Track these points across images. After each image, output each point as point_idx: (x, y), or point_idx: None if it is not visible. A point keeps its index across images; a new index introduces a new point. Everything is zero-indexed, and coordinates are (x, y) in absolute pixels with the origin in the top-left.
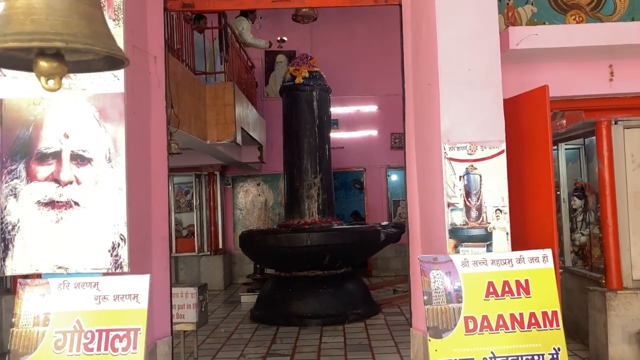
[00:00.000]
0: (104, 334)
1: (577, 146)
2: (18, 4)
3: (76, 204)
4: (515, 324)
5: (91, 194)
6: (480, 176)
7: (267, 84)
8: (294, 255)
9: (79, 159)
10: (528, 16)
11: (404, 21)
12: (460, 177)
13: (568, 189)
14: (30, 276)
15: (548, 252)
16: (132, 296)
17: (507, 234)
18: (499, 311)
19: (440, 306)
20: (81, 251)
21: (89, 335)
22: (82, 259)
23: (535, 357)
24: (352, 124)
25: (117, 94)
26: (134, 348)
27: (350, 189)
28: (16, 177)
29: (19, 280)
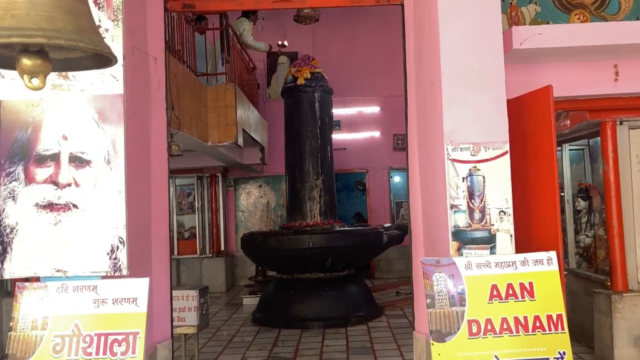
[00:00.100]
0: (102, 338)
1: (581, 147)
2: None
3: (75, 206)
4: (520, 327)
5: (90, 196)
6: (484, 177)
7: (269, 86)
8: (295, 257)
9: (78, 161)
10: (532, 16)
11: (406, 21)
12: (464, 178)
13: (572, 190)
14: (29, 279)
15: (552, 254)
16: (131, 300)
17: (511, 236)
18: (502, 314)
19: (443, 309)
20: (80, 254)
21: (87, 339)
22: (80, 262)
23: None
24: (355, 125)
25: (116, 95)
26: (133, 352)
27: (353, 190)
28: (14, 180)
29: (17, 284)
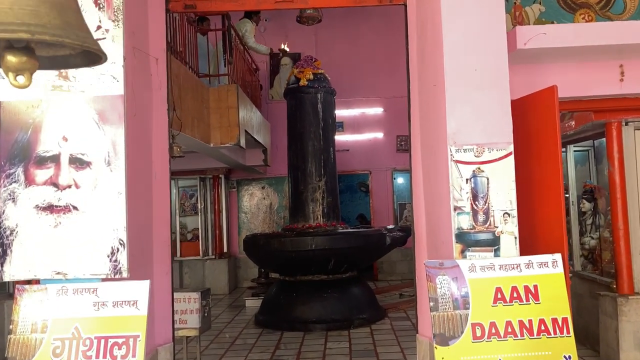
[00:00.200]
0: (102, 341)
1: (586, 148)
2: None
3: (75, 208)
4: (524, 331)
5: (90, 198)
6: (488, 179)
7: (272, 87)
8: (298, 259)
9: (78, 162)
10: (536, 15)
11: (409, 21)
12: (467, 180)
13: (577, 191)
14: (30, 282)
15: (558, 256)
16: (132, 302)
17: (515, 238)
18: (507, 318)
19: (447, 313)
20: (80, 256)
21: (87, 342)
22: (80, 264)
23: None
24: (358, 126)
25: (116, 96)
26: (133, 355)
27: (356, 192)
28: (14, 181)
29: (17, 286)
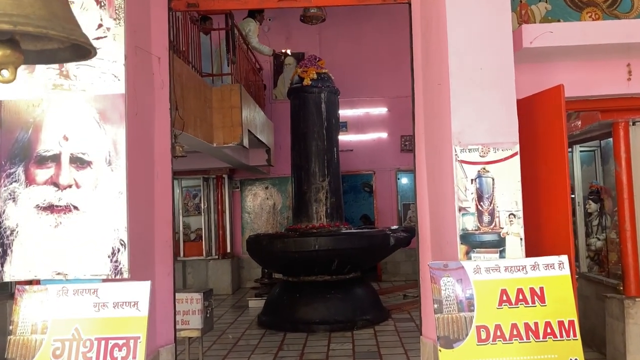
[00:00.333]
0: (103, 342)
1: (592, 148)
2: None
3: (75, 208)
4: (530, 333)
5: (91, 198)
6: (493, 179)
7: (276, 87)
8: (301, 260)
9: (79, 162)
10: (542, 14)
11: (413, 20)
12: (472, 180)
13: (583, 192)
14: (30, 282)
15: (564, 258)
16: (132, 303)
17: (520, 239)
18: (512, 320)
19: (451, 315)
20: (80, 257)
21: (87, 343)
22: (81, 264)
23: None
24: (362, 126)
25: (117, 95)
26: (134, 357)
27: (360, 192)
28: (15, 181)
29: (17, 287)
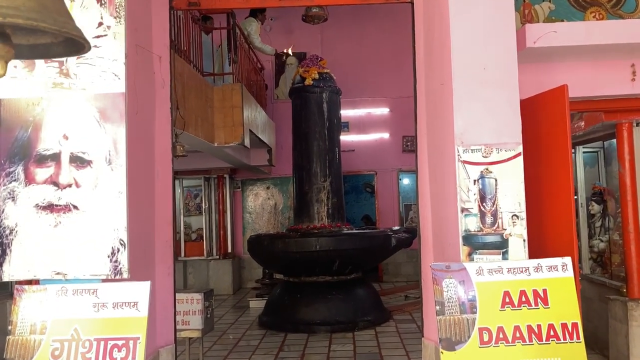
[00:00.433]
0: (102, 343)
1: (595, 149)
2: None
3: (75, 207)
4: (533, 336)
5: (90, 197)
6: (496, 180)
7: (277, 86)
8: (302, 260)
9: (79, 161)
10: (545, 14)
11: (415, 19)
12: (475, 181)
13: (586, 193)
14: (30, 282)
15: (567, 260)
16: (132, 304)
17: (524, 240)
18: (515, 322)
19: (454, 317)
20: (80, 256)
21: (86, 344)
22: (80, 264)
23: None
24: (363, 126)
25: (118, 93)
26: (133, 358)
27: (361, 192)
28: (14, 180)
29: (16, 287)
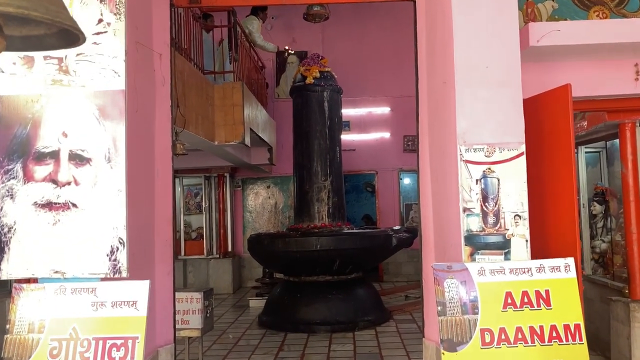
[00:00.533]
0: (100, 342)
1: (598, 149)
2: None
3: (74, 205)
4: (535, 337)
5: (90, 195)
6: (498, 180)
7: (278, 85)
8: (302, 259)
9: (78, 158)
10: (549, 13)
11: (417, 17)
12: (477, 180)
13: (588, 194)
14: (29, 280)
15: (570, 260)
16: (131, 303)
17: (526, 241)
18: (517, 323)
19: (455, 317)
20: (79, 255)
21: (85, 343)
22: (79, 263)
23: None
24: (364, 125)
25: (117, 91)
26: (132, 357)
27: (362, 192)
28: (13, 177)
29: (14, 285)
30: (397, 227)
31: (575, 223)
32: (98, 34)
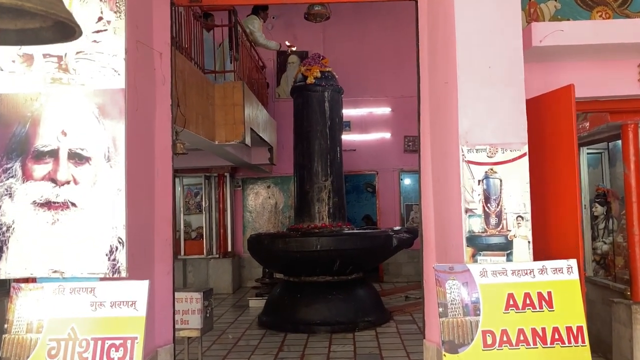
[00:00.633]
0: (99, 342)
1: (599, 151)
2: None
3: (73, 204)
4: (537, 339)
5: (89, 194)
6: (501, 180)
7: (279, 85)
8: (303, 260)
9: (77, 157)
10: (551, 13)
11: (419, 16)
12: (479, 181)
13: (589, 195)
14: (27, 280)
15: (573, 262)
16: (130, 303)
17: (528, 242)
18: (519, 325)
19: (457, 319)
20: (78, 254)
21: (83, 343)
22: (78, 262)
23: None
24: (365, 126)
25: (117, 89)
26: (131, 358)
27: (362, 192)
28: (12, 176)
29: (12, 284)
30: (397, 228)
31: (577, 224)
32: (98, 32)
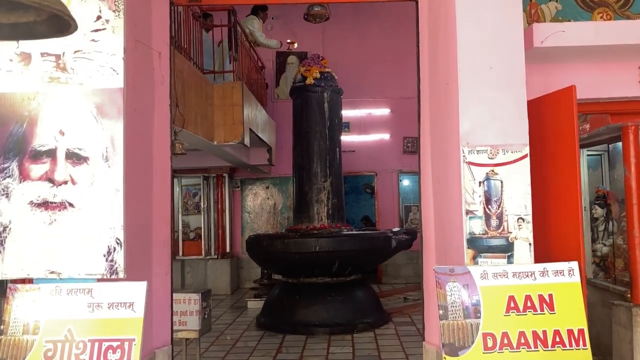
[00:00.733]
0: (96, 344)
1: (599, 152)
2: None
3: (71, 205)
4: (538, 342)
5: (87, 194)
6: (502, 182)
7: (278, 85)
8: (301, 261)
9: (75, 157)
10: (552, 14)
11: (420, 17)
12: (480, 182)
13: (589, 197)
14: (24, 281)
15: (574, 264)
16: (128, 304)
17: (529, 244)
18: (520, 328)
19: (457, 321)
20: (75, 255)
21: (80, 345)
22: (75, 263)
23: None
24: (364, 127)
25: (115, 89)
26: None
27: (361, 193)
28: (8, 176)
29: (9, 285)
30: (396, 229)
31: (579, 226)
32: (96, 31)
